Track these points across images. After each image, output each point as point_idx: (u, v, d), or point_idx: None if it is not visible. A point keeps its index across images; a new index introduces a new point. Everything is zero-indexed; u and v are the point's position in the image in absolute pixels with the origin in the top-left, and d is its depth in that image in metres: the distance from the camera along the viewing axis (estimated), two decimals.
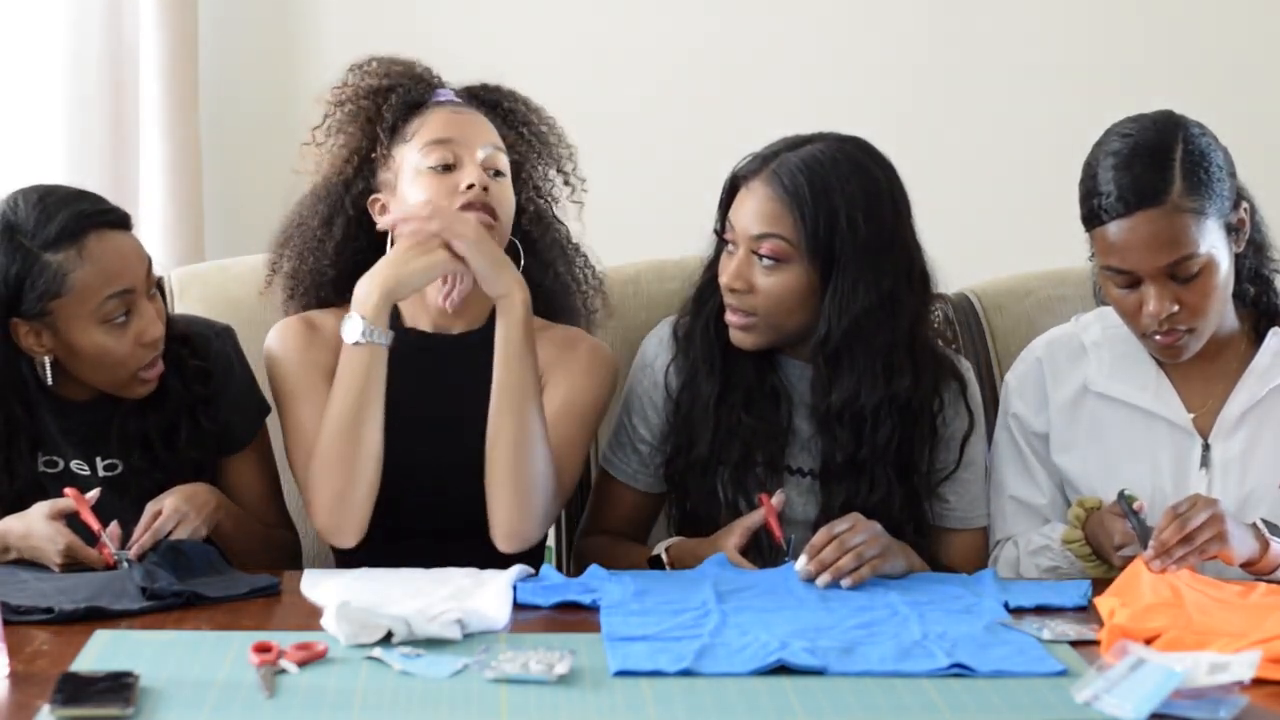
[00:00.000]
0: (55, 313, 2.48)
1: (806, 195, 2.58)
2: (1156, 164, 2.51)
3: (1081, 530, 2.57)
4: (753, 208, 2.61)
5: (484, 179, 2.59)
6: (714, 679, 2.06)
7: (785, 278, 2.60)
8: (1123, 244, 2.51)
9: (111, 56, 3.62)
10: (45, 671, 2.03)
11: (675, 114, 3.81)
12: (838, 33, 3.86)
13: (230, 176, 3.70)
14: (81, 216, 2.49)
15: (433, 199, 2.57)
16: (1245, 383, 2.64)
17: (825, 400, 2.63)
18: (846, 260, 2.58)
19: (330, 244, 2.68)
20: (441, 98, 2.69)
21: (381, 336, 2.51)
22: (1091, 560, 2.56)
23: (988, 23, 3.87)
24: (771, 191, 2.60)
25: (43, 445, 2.58)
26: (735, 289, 2.62)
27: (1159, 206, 2.50)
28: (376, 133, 2.66)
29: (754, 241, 2.60)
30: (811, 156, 2.61)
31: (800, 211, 2.58)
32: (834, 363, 2.61)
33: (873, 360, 2.60)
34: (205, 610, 2.31)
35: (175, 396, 2.60)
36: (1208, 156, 2.53)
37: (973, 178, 3.85)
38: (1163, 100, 2.64)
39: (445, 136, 2.61)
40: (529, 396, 2.53)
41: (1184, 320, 2.54)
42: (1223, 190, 2.53)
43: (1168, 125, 2.56)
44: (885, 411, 2.61)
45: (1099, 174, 2.54)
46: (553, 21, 3.78)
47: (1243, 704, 1.97)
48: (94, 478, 2.57)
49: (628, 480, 2.77)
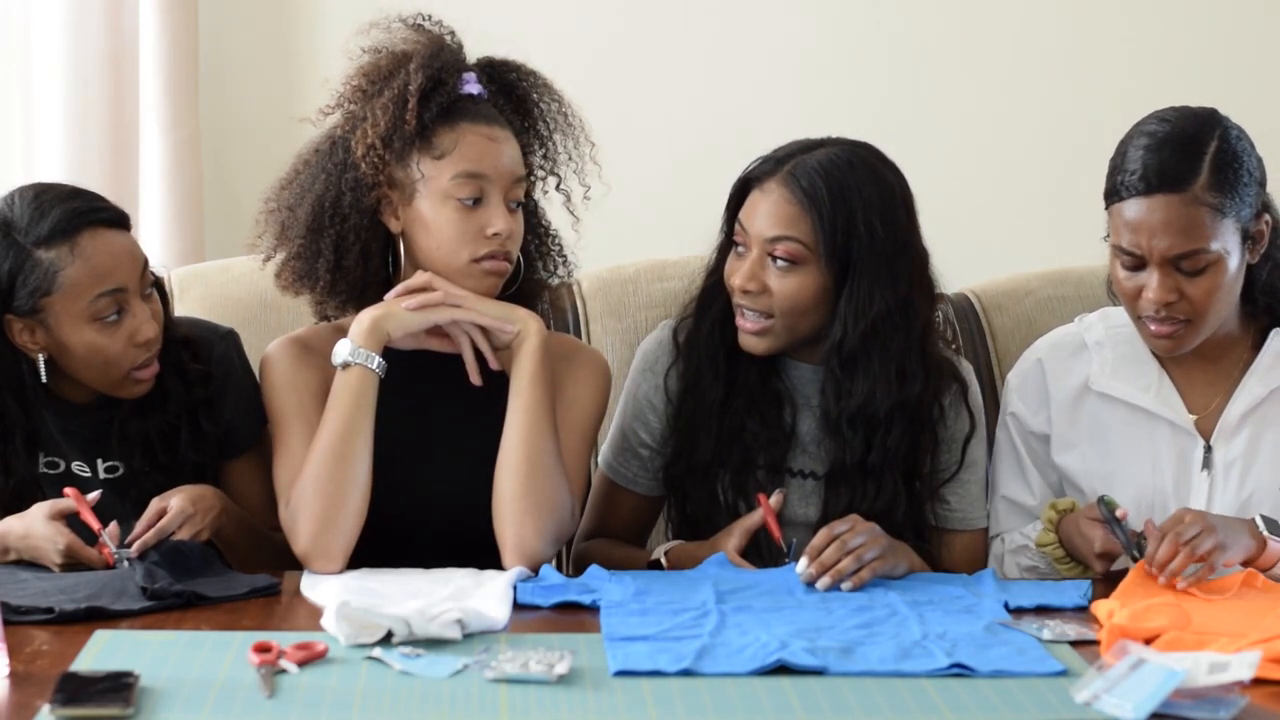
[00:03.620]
0: (47, 310, 2.49)
1: (825, 197, 2.58)
2: (1187, 152, 2.51)
3: (1055, 533, 2.58)
4: (768, 209, 2.60)
5: (509, 226, 2.56)
6: (714, 679, 2.06)
7: (800, 280, 2.60)
8: (1136, 224, 2.52)
9: (111, 56, 3.62)
10: (45, 671, 2.03)
11: (675, 114, 3.80)
12: (838, 32, 3.86)
13: (230, 176, 3.70)
14: (75, 214, 2.49)
15: (462, 235, 2.54)
16: (1247, 384, 2.65)
17: (838, 405, 2.63)
18: (863, 264, 2.58)
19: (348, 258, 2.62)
20: (466, 87, 2.61)
21: (369, 360, 2.51)
22: (1066, 563, 2.57)
23: (989, 23, 3.87)
24: (788, 193, 2.59)
25: (44, 446, 2.58)
26: (749, 290, 2.61)
27: (1180, 193, 2.50)
28: (410, 135, 2.57)
29: (769, 244, 2.60)
30: (828, 159, 2.60)
31: (819, 213, 2.58)
32: (849, 367, 2.61)
33: (887, 365, 2.60)
34: (205, 610, 2.31)
35: (176, 399, 2.60)
36: (1240, 159, 2.53)
37: (973, 178, 3.85)
38: (1165, 102, 2.63)
39: (477, 171, 2.55)
40: (544, 421, 2.53)
41: (1182, 312, 2.54)
42: (1247, 195, 2.53)
43: (1208, 120, 2.57)
44: (896, 416, 2.61)
45: (1129, 151, 2.55)
46: (552, 22, 3.77)
47: (1243, 704, 1.97)
48: (95, 479, 2.58)
49: (628, 485, 2.76)
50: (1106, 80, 3.82)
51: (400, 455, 2.58)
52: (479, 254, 2.56)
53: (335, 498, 2.49)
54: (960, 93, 3.87)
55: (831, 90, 3.82)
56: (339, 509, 2.49)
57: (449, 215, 2.56)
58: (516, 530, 2.51)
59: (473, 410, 2.59)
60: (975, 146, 3.87)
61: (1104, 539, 2.48)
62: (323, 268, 2.61)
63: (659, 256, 3.15)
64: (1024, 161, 3.85)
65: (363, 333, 2.52)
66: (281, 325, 2.90)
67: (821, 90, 3.81)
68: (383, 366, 2.52)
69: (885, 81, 3.85)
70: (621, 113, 3.73)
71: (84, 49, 3.61)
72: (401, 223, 2.60)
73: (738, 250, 2.65)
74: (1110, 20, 3.87)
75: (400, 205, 2.60)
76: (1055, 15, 3.87)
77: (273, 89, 3.71)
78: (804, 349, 2.67)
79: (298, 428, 2.56)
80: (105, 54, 3.62)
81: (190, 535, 2.46)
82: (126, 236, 2.56)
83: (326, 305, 2.68)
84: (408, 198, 2.59)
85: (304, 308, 2.78)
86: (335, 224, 2.59)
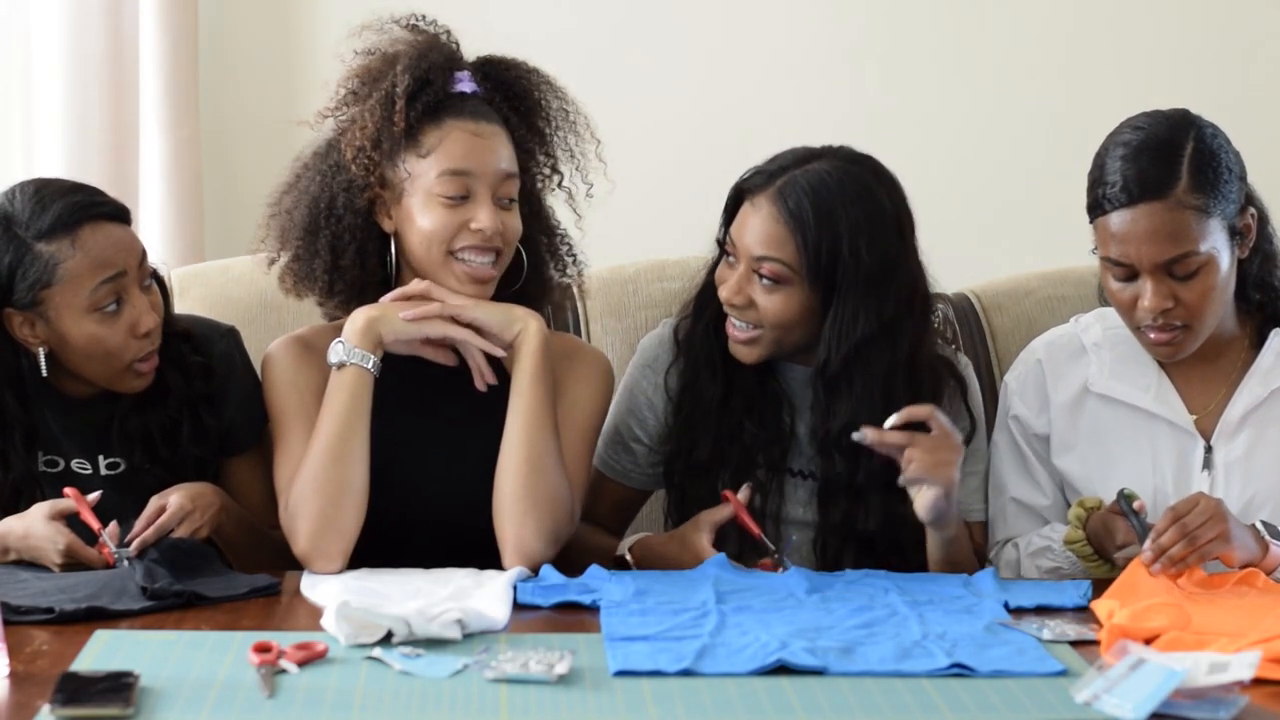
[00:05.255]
0: (46, 302, 2.49)
1: (810, 220, 2.56)
2: (1165, 158, 2.51)
3: (1083, 530, 2.57)
4: (756, 227, 2.59)
5: (494, 222, 2.55)
6: (714, 679, 2.06)
7: (784, 299, 2.59)
8: (1123, 235, 2.52)
9: (111, 56, 3.62)
10: (45, 671, 2.03)
11: (676, 114, 3.80)
12: (839, 33, 3.86)
13: (230, 176, 3.70)
14: (76, 208, 2.50)
15: (442, 229, 2.54)
16: (1247, 384, 2.64)
17: (823, 425, 2.63)
18: (847, 288, 2.57)
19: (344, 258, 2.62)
20: (459, 86, 2.62)
21: (363, 360, 2.50)
22: (1094, 560, 2.56)
23: (989, 22, 3.87)
24: (775, 212, 2.58)
25: (43, 445, 2.58)
26: (735, 304, 2.61)
27: (1162, 200, 2.50)
28: (396, 136, 2.57)
29: (755, 262, 2.59)
30: (818, 178, 2.58)
31: (803, 236, 2.56)
32: (832, 389, 2.60)
33: (870, 387, 2.59)
34: (205, 610, 2.31)
35: (177, 393, 2.60)
36: (1218, 157, 2.53)
37: (973, 178, 3.85)
38: (1163, 101, 2.63)
39: (462, 168, 2.55)
40: (545, 420, 2.53)
41: (1179, 317, 2.54)
42: (1229, 192, 2.53)
43: (1181, 122, 2.56)
44: None
45: (1107, 163, 2.55)
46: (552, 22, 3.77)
47: (1243, 704, 1.97)
48: (96, 476, 2.58)
49: (618, 478, 2.77)
50: (1106, 80, 3.82)
51: (400, 455, 2.57)
52: (458, 246, 2.55)
53: (333, 498, 2.49)
54: (960, 92, 3.86)
55: (832, 90, 3.81)
56: (337, 509, 2.49)
57: (435, 212, 2.56)
58: (516, 530, 2.51)
59: (473, 410, 2.59)
60: (975, 146, 3.87)
61: (1125, 531, 2.48)
62: (320, 269, 2.61)
63: (659, 256, 3.15)
64: (1024, 161, 3.85)
65: (356, 332, 2.52)
66: (282, 325, 2.90)
67: (822, 90, 3.81)
68: (377, 366, 2.52)
69: (885, 81, 3.85)
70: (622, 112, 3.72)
71: (84, 49, 3.61)
72: (394, 222, 2.60)
73: (728, 260, 2.64)
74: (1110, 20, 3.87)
75: (392, 205, 2.60)
76: (1055, 15, 3.87)
77: (273, 89, 3.71)
78: (799, 353, 2.67)
79: (299, 427, 2.56)
80: (105, 54, 3.62)
81: (189, 532, 2.46)
82: (126, 229, 2.56)
83: (327, 306, 2.68)
84: (398, 197, 2.59)
85: (304, 308, 2.79)
86: (330, 225, 2.60)
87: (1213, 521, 2.38)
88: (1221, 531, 2.38)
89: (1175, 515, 2.39)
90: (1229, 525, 2.39)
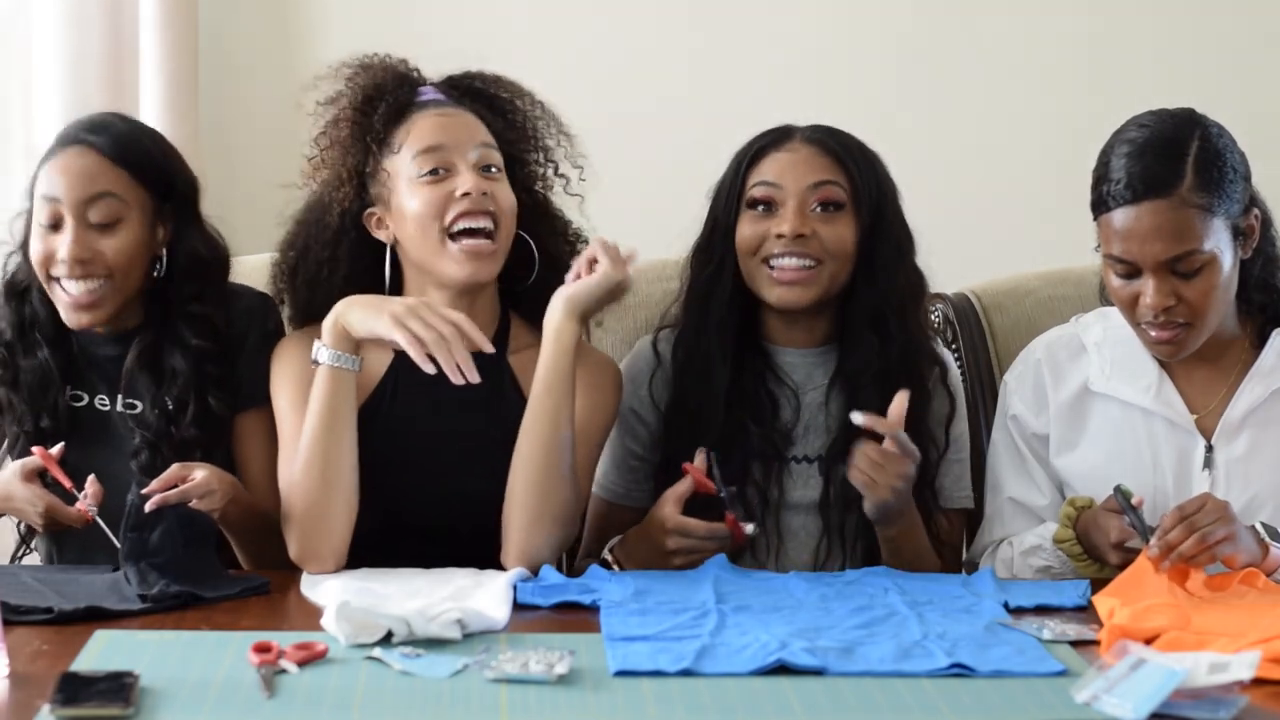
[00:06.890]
0: (30, 221, 2.63)
1: (855, 152, 2.68)
2: (1169, 156, 2.52)
3: (1073, 529, 2.57)
4: (804, 160, 2.67)
5: (479, 184, 2.55)
6: (714, 679, 2.06)
7: (843, 225, 2.66)
8: (1127, 232, 2.52)
9: (111, 56, 3.62)
10: (45, 671, 2.03)
11: (675, 114, 3.81)
12: (837, 32, 3.86)
13: (230, 176, 3.70)
14: (61, 134, 2.64)
15: (429, 206, 2.55)
16: (1249, 384, 2.64)
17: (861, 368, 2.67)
18: (889, 224, 2.67)
19: (339, 275, 2.64)
20: (425, 97, 2.64)
21: (338, 360, 2.48)
22: (1083, 560, 2.56)
23: (988, 22, 3.87)
24: (818, 150, 2.68)
25: (71, 380, 2.65)
26: (802, 234, 2.63)
27: (1166, 198, 2.50)
28: (368, 145, 2.61)
29: (811, 190, 2.65)
30: (833, 129, 2.71)
31: (853, 163, 2.68)
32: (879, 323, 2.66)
33: (906, 322, 2.68)
34: (205, 610, 2.31)
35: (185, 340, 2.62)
36: (1222, 156, 2.53)
37: (972, 177, 3.85)
38: (1166, 101, 2.63)
39: (434, 143, 2.57)
40: (562, 424, 2.51)
41: (1181, 315, 2.54)
42: (1234, 192, 2.53)
43: (1187, 121, 2.57)
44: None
45: (1111, 161, 2.55)
46: (552, 22, 3.77)
47: (1243, 704, 1.97)
48: (113, 413, 2.62)
49: (628, 501, 2.75)
50: (1107, 80, 3.82)
51: (400, 455, 2.57)
52: (449, 219, 2.55)
53: (320, 501, 2.48)
54: (960, 92, 3.87)
55: (832, 90, 3.82)
56: (325, 510, 2.48)
57: (419, 193, 2.56)
58: (525, 536, 2.50)
59: (473, 409, 2.58)
60: (975, 146, 3.87)
61: (1120, 528, 2.48)
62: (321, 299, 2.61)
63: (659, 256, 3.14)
64: (1024, 161, 3.85)
65: (327, 330, 2.50)
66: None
67: (822, 90, 3.82)
68: (355, 362, 2.49)
69: (886, 81, 3.85)
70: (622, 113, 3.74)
71: (84, 49, 3.61)
72: (390, 230, 2.60)
73: (759, 210, 2.67)
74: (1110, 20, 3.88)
75: (384, 215, 2.61)
76: (1055, 15, 3.88)
77: (273, 89, 3.71)
78: (795, 331, 2.70)
79: (296, 420, 2.54)
80: (105, 54, 3.62)
81: (206, 509, 2.44)
82: (85, 156, 2.61)
83: None
84: (387, 204, 2.60)
85: None
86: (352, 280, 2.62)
87: (1222, 522, 2.38)
88: (1231, 533, 2.38)
89: (1182, 514, 2.39)
90: (1237, 527, 2.40)
